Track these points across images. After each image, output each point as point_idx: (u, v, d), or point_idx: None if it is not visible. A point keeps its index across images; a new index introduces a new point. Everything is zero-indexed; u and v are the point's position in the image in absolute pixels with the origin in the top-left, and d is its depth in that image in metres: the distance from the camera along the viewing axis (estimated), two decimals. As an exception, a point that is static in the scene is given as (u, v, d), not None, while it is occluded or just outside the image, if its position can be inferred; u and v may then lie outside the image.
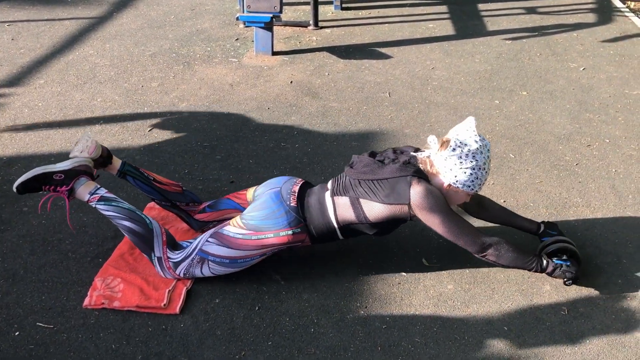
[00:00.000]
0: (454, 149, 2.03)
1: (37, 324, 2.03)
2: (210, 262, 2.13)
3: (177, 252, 2.15)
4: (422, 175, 2.07)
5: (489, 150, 2.07)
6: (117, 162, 2.38)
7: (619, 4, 5.63)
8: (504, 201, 2.73)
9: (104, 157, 2.35)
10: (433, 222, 2.04)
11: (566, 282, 2.17)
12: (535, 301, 2.18)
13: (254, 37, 4.28)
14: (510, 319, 2.11)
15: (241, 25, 4.83)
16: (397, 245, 2.44)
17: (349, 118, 3.45)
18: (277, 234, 2.11)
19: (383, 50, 4.46)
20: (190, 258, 2.14)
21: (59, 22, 4.83)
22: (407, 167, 2.06)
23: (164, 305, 2.09)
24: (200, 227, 2.42)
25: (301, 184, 2.23)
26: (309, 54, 4.35)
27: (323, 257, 2.36)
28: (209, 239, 2.14)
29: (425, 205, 2.01)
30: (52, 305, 2.11)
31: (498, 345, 2.01)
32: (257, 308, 2.12)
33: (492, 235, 2.12)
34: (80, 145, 2.28)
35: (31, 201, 2.63)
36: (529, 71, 4.14)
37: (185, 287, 2.17)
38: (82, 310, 2.09)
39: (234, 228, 2.14)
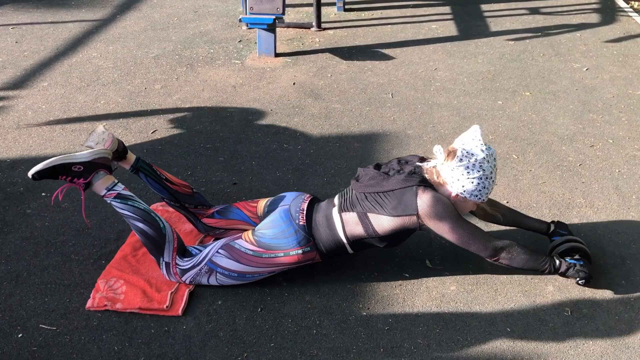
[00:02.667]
0: (461, 159, 2.01)
1: (40, 325, 2.04)
2: (218, 274, 2.14)
3: (186, 259, 2.15)
4: (428, 185, 2.06)
5: (495, 159, 2.06)
6: (131, 157, 2.35)
7: (622, 4, 5.61)
8: (507, 202, 2.72)
9: (119, 151, 2.31)
10: (443, 229, 2.03)
11: (579, 282, 2.15)
12: (538, 302, 2.18)
13: (257, 39, 4.28)
14: (513, 320, 2.10)
15: (244, 27, 4.84)
16: (400, 247, 2.44)
17: (351, 119, 3.45)
18: (287, 254, 2.12)
19: (386, 51, 4.46)
20: (198, 267, 2.14)
21: (62, 24, 4.85)
22: (412, 177, 2.05)
23: (167, 307, 2.09)
24: (207, 231, 2.42)
25: (309, 201, 2.22)
26: (311, 55, 4.35)
27: (325, 258, 2.36)
28: (220, 251, 2.14)
29: (433, 214, 2.00)
30: (55, 307, 2.11)
31: (501, 346, 2.00)
32: (259, 310, 2.12)
33: (501, 237, 2.11)
34: (94, 137, 2.25)
35: (34, 203, 2.64)
36: (532, 72, 4.14)
37: (187, 289, 2.17)
38: (85, 312, 2.09)
39: (245, 243, 2.14)
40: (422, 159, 2.17)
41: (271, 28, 4.18)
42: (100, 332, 2.02)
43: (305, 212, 2.17)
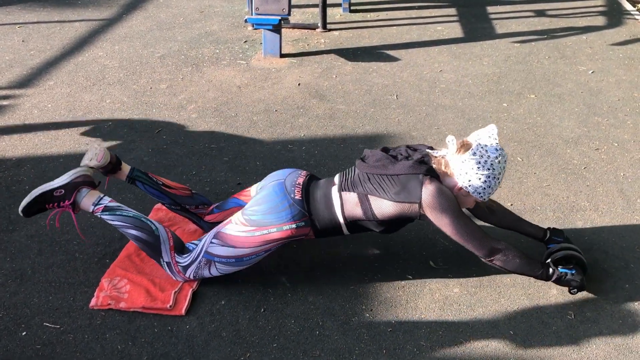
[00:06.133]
0: (474, 153, 2.00)
1: (44, 324, 2.05)
2: (216, 263, 2.13)
3: (184, 255, 2.16)
4: (435, 175, 2.05)
5: (505, 161, 2.05)
6: (126, 168, 2.39)
7: (628, 7, 5.60)
8: (511, 204, 2.72)
9: (113, 163, 2.35)
10: (443, 222, 2.01)
11: (571, 291, 2.17)
12: (541, 305, 2.18)
13: (262, 40, 4.29)
14: (516, 323, 2.10)
15: (250, 28, 4.84)
16: (403, 248, 2.44)
17: (356, 120, 3.46)
18: (280, 228, 2.09)
19: (391, 52, 4.46)
20: (197, 261, 2.14)
21: (69, 24, 4.86)
22: (420, 165, 2.02)
23: (170, 306, 2.09)
24: (211, 228, 2.42)
25: (307, 177, 2.20)
26: (316, 56, 4.36)
27: (329, 259, 2.36)
28: (213, 240, 2.13)
29: (436, 205, 1.98)
30: (59, 306, 2.12)
31: (504, 349, 2.00)
32: (262, 310, 2.13)
33: (499, 239, 2.10)
34: (89, 154, 2.30)
35: (39, 202, 2.65)
36: (538, 74, 4.13)
37: (191, 289, 2.18)
38: (89, 311, 2.10)
39: (235, 226, 2.12)
40: (431, 148, 2.15)
41: (277, 29, 4.19)
42: (103, 330, 2.02)
43: (301, 186, 2.14)
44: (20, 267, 2.28)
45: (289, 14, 4.15)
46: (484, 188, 2.03)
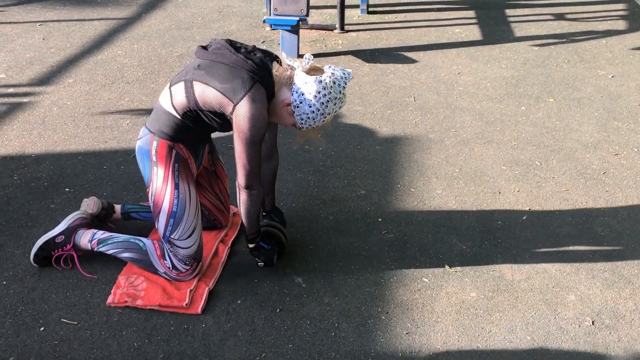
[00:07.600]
0: (320, 81, 1.95)
1: (62, 320, 2.06)
2: (171, 237, 2.13)
3: (166, 258, 2.19)
4: (269, 82, 1.98)
5: (340, 107, 2.03)
6: (118, 208, 2.49)
7: (650, 11, 5.54)
8: (529, 209, 2.70)
9: (106, 208, 2.44)
10: (239, 140, 1.97)
11: (258, 263, 2.26)
12: (559, 311, 2.16)
13: (280, 40, 4.29)
14: (534, 329, 2.08)
15: (268, 28, 4.85)
16: (419, 251, 2.43)
17: (373, 122, 3.45)
18: (155, 164, 2.09)
19: (408, 54, 4.45)
20: (168, 252, 2.16)
21: (88, 22, 4.90)
22: (257, 70, 1.95)
23: (186, 304, 2.10)
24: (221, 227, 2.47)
25: None
26: (334, 57, 4.35)
27: (345, 261, 2.36)
28: (155, 224, 2.17)
29: (243, 123, 1.93)
30: (76, 302, 2.13)
31: (521, 355, 1.98)
32: (278, 310, 2.13)
33: (263, 187, 2.16)
34: (82, 206, 2.41)
35: (58, 198, 2.67)
36: (557, 78, 4.10)
37: (207, 288, 2.18)
38: (106, 308, 2.11)
39: (150, 199, 2.15)
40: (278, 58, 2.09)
41: (295, 29, 4.19)
42: (120, 328, 2.04)
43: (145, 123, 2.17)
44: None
45: (307, 15, 4.15)
46: (308, 117, 2.00)
